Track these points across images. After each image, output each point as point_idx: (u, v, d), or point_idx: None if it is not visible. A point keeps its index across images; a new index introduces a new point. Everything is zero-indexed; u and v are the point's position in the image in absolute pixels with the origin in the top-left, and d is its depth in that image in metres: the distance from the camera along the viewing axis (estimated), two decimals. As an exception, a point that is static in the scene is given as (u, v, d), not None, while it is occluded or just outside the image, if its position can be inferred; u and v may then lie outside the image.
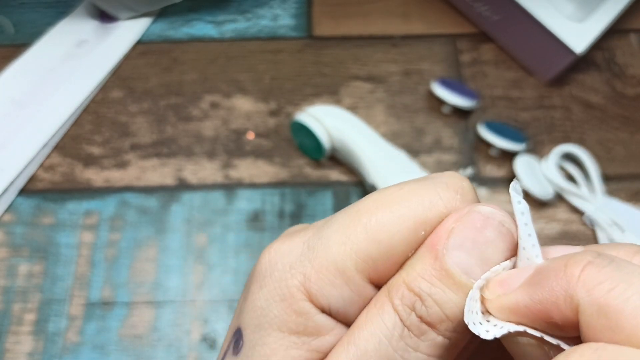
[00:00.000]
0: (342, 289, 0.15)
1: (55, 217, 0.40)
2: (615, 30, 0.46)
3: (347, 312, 0.15)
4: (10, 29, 0.48)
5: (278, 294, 0.15)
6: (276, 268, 0.16)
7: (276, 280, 0.15)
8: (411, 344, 0.14)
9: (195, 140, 0.43)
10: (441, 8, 0.49)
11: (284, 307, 0.15)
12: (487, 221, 0.14)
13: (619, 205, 0.40)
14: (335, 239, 0.15)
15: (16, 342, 0.37)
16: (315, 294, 0.15)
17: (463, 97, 0.42)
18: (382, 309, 0.14)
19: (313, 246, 0.15)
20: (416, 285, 0.14)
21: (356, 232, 0.15)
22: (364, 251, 0.15)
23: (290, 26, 0.48)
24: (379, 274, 0.15)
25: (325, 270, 0.15)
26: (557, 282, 0.12)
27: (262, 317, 0.15)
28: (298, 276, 0.15)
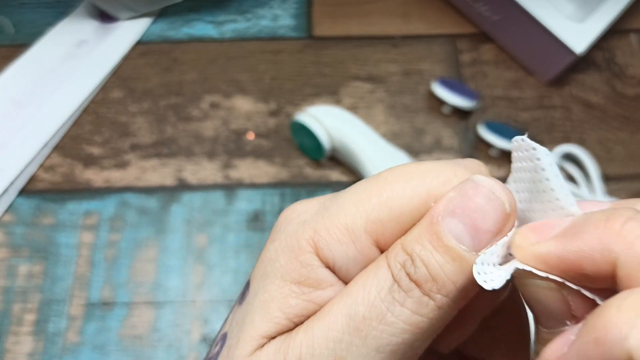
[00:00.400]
0: (348, 247, 0.15)
1: (55, 217, 0.40)
2: (615, 30, 0.46)
3: (349, 270, 0.15)
4: (10, 29, 0.48)
5: (287, 245, 0.16)
6: (290, 223, 0.16)
7: (288, 234, 0.16)
8: (398, 298, 0.14)
9: (195, 140, 0.43)
10: (441, 8, 0.49)
11: (291, 257, 0.16)
12: (478, 189, 0.15)
13: (619, 205, 0.40)
14: (350, 201, 0.16)
15: (16, 342, 0.37)
16: (322, 248, 0.15)
17: (463, 97, 0.42)
18: (377, 265, 0.15)
19: (328, 206, 0.16)
20: (409, 247, 0.15)
21: (370, 196, 0.15)
22: (374, 214, 0.15)
23: (290, 26, 0.48)
24: (385, 238, 0.15)
25: (335, 228, 0.15)
26: (596, 235, 0.12)
27: (268, 267, 0.16)
28: (309, 230, 0.16)
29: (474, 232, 0.14)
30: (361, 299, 0.14)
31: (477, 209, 0.14)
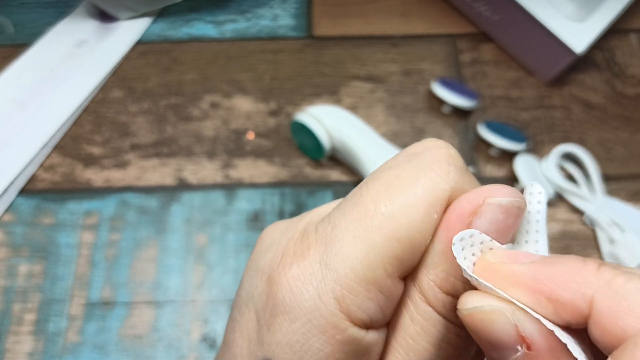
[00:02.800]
0: (378, 298, 0.14)
1: (55, 217, 0.40)
2: (615, 30, 0.46)
3: (386, 316, 0.15)
4: (10, 29, 0.48)
5: (315, 326, 0.14)
6: (303, 298, 0.15)
7: (308, 312, 0.15)
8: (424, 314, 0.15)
9: (195, 140, 0.43)
10: (441, 8, 0.49)
11: (327, 338, 0.14)
12: (509, 211, 0.14)
13: (619, 205, 0.40)
14: (354, 250, 0.14)
15: (16, 342, 0.37)
16: (354, 313, 0.14)
17: (463, 97, 0.42)
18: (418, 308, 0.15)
19: (333, 266, 0.15)
20: (450, 287, 0.15)
21: (373, 237, 0.14)
22: (388, 254, 0.14)
23: (290, 26, 0.48)
24: (407, 269, 0.15)
25: (357, 286, 0.14)
26: (573, 268, 0.12)
27: (302, 353, 0.15)
28: (331, 302, 0.14)
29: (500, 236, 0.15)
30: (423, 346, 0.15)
31: (510, 229, 0.15)
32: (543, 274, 0.13)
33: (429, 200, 0.15)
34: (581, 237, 0.40)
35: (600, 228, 0.40)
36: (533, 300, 0.13)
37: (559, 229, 0.40)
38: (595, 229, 0.40)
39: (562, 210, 0.41)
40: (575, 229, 0.40)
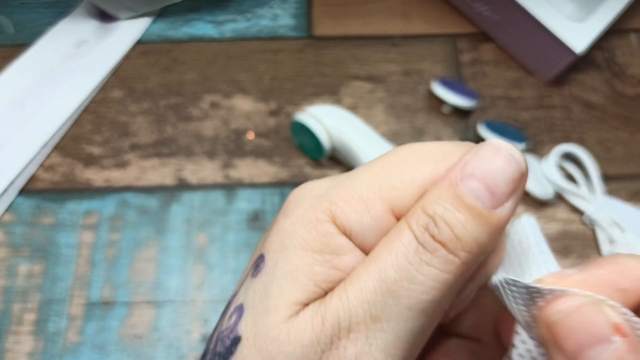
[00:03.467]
0: (363, 215, 0.16)
1: (55, 217, 0.40)
2: (615, 30, 0.46)
3: (365, 237, 0.16)
4: (10, 29, 0.48)
5: (304, 217, 0.17)
6: (304, 199, 0.17)
7: (304, 208, 0.17)
8: (425, 259, 0.15)
9: (195, 140, 0.43)
10: (441, 8, 0.49)
11: (309, 228, 0.16)
12: (497, 152, 0.16)
13: (619, 205, 0.40)
14: (364, 174, 0.17)
15: (16, 342, 0.37)
16: (339, 217, 0.16)
17: (463, 97, 0.42)
18: (399, 230, 0.16)
19: (342, 181, 0.17)
20: (430, 209, 0.15)
21: (383, 167, 0.17)
22: (387, 182, 0.16)
23: (290, 26, 0.48)
24: (399, 204, 0.16)
25: (351, 197, 0.16)
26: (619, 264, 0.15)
27: (285, 239, 0.17)
28: (325, 202, 0.16)
29: (493, 191, 0.15)
30: (390, 263, 0.15)
31: (496, 170, 0.15)
32: (601, 273, 0.14)
33: (442, 157, 0.16)
34: (581, 237, 0.40)
35: (600, 228, 0.40)
36: (605, 293, 0.14)
37: (559, 229, 0.40)
38: (595, 229, 0.40)
39: (562, 210, 0.41)
40: (575, 229, 0.40)
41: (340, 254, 0.16)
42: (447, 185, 0.15)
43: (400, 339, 0.15)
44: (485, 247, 0.16)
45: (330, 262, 0.16)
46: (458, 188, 0.15)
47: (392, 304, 0.15)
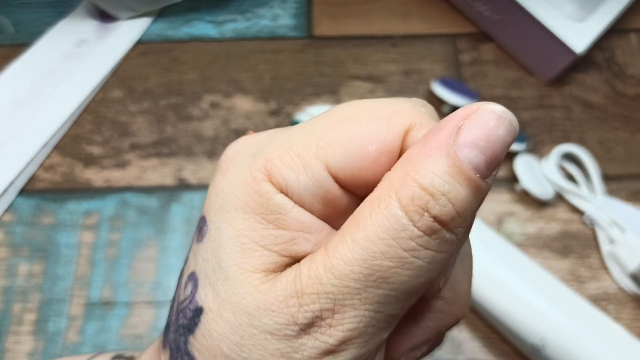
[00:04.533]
0: (299, 173, 0.15)
1: (55, 217, 0.40)
2: (615, 30, 0.46)
3: (301, 196, 0.15)
4: (10, 29, 0.48)
5: (240, 176, 0.16)
6: (241, 155, 0.17)
7: (239, 166, 0.16)
8: (422, 243, 0.14)
9: (195, 140, 0.43)
10: (441, 8, 0.49)
11: (246, 188, 0.16)
12: (501, 120, 0.14)
13: (619, 205, 0.40)
14: (301, 130, 0.16)
15: (16, 342, 0.37)
16: (274, 175, 0.15)
17: (463, 97, 0.42)
18: (388, 209, 0.14)
19: (279, 137, 0.16)
20: (429, 183, 0.14)
21: (320, 124, 0.16)
22: (323, 139, 0.15)
23: (290, 26, 0.48)
24: (335, 164, 0.15)
25: (286, 155, 0.15)
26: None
27: (224, 200, 0.16)
28: (260, 160, 0.16)
29: (491, 161, 0.14)
30: (382, 252, 0.14)
31: (499, 141, 0.14)
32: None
33: (383, 114, 0.15)
34: (581, 237, 0.40)
35: (600, 228, 0.40)
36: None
37: (559, 229, 0.40)
38: (595, 229, 0.40)
39: (562, 210, 0.41)
40: (575, 229, 0.40)
41: (283, 212, 0.15)
42: (444, 153, 0.14)
43: (391, 315, 0.15)
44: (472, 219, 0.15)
45: (275, 222, 0.15)
46: (458, 158, 0.14)
47: (386, 288, 0.14)
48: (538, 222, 0.40)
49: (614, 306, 0.38)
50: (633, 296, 0.38)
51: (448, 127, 0.14)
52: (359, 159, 0.15)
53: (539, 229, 0.40)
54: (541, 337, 0.33)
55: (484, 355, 0.37)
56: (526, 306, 0.34)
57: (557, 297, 0.34)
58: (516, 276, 0.35)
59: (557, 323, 0.33)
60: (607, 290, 0.38)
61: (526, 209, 0.41)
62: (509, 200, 0.41)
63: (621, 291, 0.38)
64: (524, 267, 0.35)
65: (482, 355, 0.37)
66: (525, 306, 0.34)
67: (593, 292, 0.38)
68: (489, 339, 0.37)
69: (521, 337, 0.34)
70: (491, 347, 0.37)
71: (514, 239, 0.40)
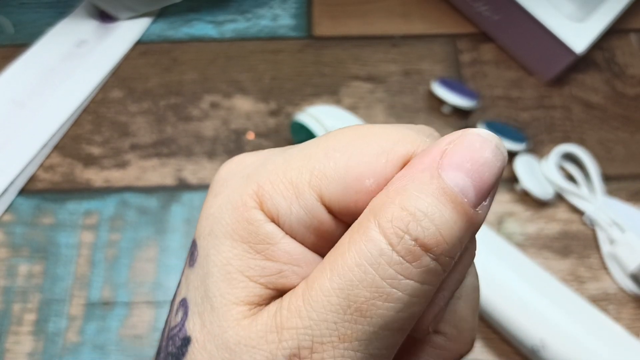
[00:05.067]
0: (292, 202, 0.15)
1: (55, 217, 0.40)
2: (615, 30, 0.46)
3: (292, 226, 0.15)
4: (10, 29, 0.48)
5: (231, 201, 0.15)
6: (233, 177, 0.16)
7: (231, 189, 0.16)
8: (402, 272, 0.13)
9: (195, 140, 0.43)
10: (441, 8, 0.49)
11: (236, 214, 0.15)
12: (486, 143, 0.14)
13: (619, 205, 0.40)
14: (296, 156, 0.15)
15: (16, 342, 0.37)
16: (265, 202, 0.15)
17: (463, 97, 0.42)
18: (366, 233, 0.13)
19: (274, 160, 0.15)
20: (411, 204, 0.13)
21: (317, 151, 0.15)
22: (319, 168, 0.15)
23: (290, 26, 0.48)
24: (330, 195, 0.15)
25: (279, 182, 0.15)
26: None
27: (214, 225, 0.15)
28: (252, 185, 0.15)
29: (479, 187, 0.14)
30: (359, 278, 0.13)
31: (485, 164, 0.14)
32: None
33: (385, 145, 0.15)
34: (581, 237, 0.40)
35: (600, 228, 0.40)
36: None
37: (559, 229, 0.40)
38: (595, 229, 0.40)
39: (562, 210, 0.41)
40: (575, 229, 0.40)
41: (272, 243, 0.15)
42: (428, 177, 0.13)
43: (374, 355, 0.14)
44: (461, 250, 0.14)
45: (263, 253, 0.15)
46: (442, 180, 0.13)
47: (364, 324, 0.13)
48: (538, 222, 0.40)
49: (614, 306, 0.38)
50: (633, 296, 0.38)
51: (433, 151, 0.14)
52: (355, 192, 0.14)
53: (539, 229, 0.40)
54: (541, 338, 0.33)
55: (484, 355, 0.36)
56: (526, 307, 0.34)
57: (557, 297, 0.34)
58: (516, 276, 0.35)
59: (557, 324, 0.33)
60: (607, 290, 0.38)
61: (526, 209, 0.41)
62: (509, 200, 0.41)
63: (621, 291, 0.38)
64: (524, 268, 0.35)
65: (482, 356, 0.36)
66: (525, 307, 0.34)
67: (593, 292, 0.38)
68: (489, 339, 0.37)
69: (521, 337, 0.34)
70: (491, 347, 0.37)
71: (514, 239, 0.40)
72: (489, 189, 0.14)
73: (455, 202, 0.13)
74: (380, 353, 0.14)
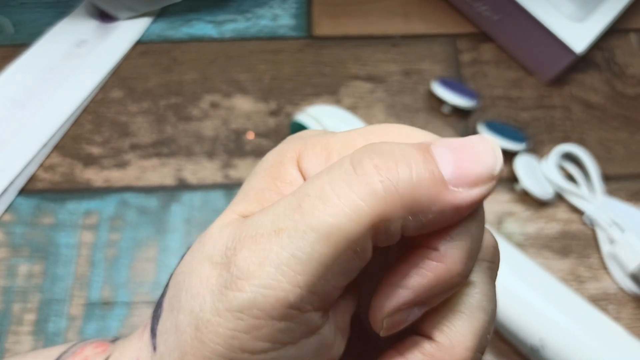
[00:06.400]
0: (320, 162, 0.16)
1: (55, 217, 0.40)
2: (615, 30, 0.46)
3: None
4: (10, 29, 0.48)
5: (280, 149, 0.18)
6: (293, 137, 0.18)
7: (287, 142, 0.18)
8: (345, 179, 0.14)
9: (195, 140, 0.43)
10: (441, 8, 0.49)
11: (277, 158, 0.17)
12: (482, 141, 0.15)
13: (619, 205, 0.40)
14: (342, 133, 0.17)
15: (16, 342, 0.37)
16: (302, 157, 0.17)
17: (463, 97, 0.42)
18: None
19: (325, 133, 0.17)
20: (386, 144, 0.15)
21: (357, 134, 0.17)
22: (351, 144, 0.16)
23: (290, 26, 0.48)
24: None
25: (318, 144, 0.17)
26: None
27: (262, 163, 0.18)
28: (300, 142, 0.17)
29: (459, 168, 0.14)
30: (311, 181, 0.14)
31: (473, 153, 0.15)
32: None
33: (414, 138, 0.16)
34: (581, 237, 0.40)
35: (600, 228, 0.40)
36: None
37: (559, 229, 0.40)
38: (595, 229, 0.40)
39: (562, 210, 0.41)
40: (575, 229, 0.40)
41: (289, 183, 0.16)
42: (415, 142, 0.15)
43: (297, 259, 0.14)
44: (420, 208, 0.14)
45: (279, 188, 0.16)
46: (429, 146, 0.15)
47: (297, 219, 0.14)
48: (538, 222, 0.40)
49: (614, 306, 0.38)
50: (633, 296, 0.38)
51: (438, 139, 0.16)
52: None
53: (538, 229, 0.40)
54: (540, 338, 0.33)
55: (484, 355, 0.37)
56: (526, 306, 0.34)
57: (557, 297, 0.34)
58: (516, 276, 0.35)
59: (557, 323, 0.33)
60: (607, 290, 0.38)
61: (526, 209, 0.41)
62: (509, 200, 0.41)
63: (621, 291, 0.38)
64: (524, 267, 0.35)
65: (482, 355, 0.37)
66: (524, 306, 0.34)
67: (593, 292, 0.38)
68: (489, 339, 0.37)
69: (521, 337, 0.34)
70: (491, 347, 0.37)
71: (514, 239, 0.40)
72: (472, 174, 0.14)
73: (428, 160, 0.14)
74: (303, 259, 0.14)
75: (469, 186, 0.14)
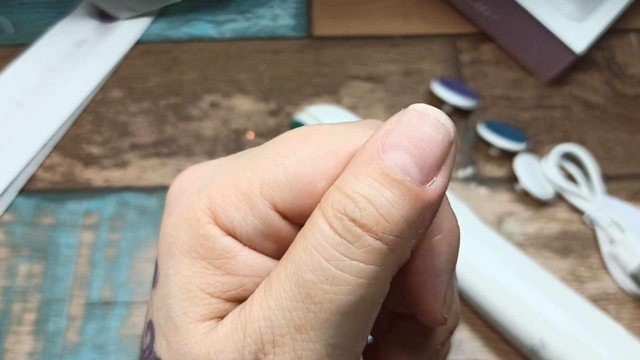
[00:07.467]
0: (245, 213, 0.14)
1: (55, 217, 0.40)
2: (615, 30, 0.46)
3: (250, 237, 0.15)
4: (10, 29, 0.48)
5: (185, 218, 0.15)
6: (185, 193, 0.16)
7: (184, 206, 0.15)
8: (345, 252, 0.13)
9: (195, 140, 0.43)
10: (441, 8, 0.49)
11: (191, 231, 0.15)
12: (423, 117, 0.14)
13: (619, 205, 0.40)
14: (245, 165, 0.15)
15: (16, 342, 0.37)
16: (219, 216, 0.15)
17: (463, 97, 0.42)
18: (311, 220, 0.14)
19: (224, 172, 0.15)
20: (348, 188, 0.13)
21: (265, 159, 0.15)
22: (269, 176, 0.14)
23: (290, 26, 0.48)
24: (283, 202, 0.14)
25: (231, 194, 0.15)
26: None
27: (171, 244, 0.15)
28: (204, 199, 0.15)
29: (422, 163, 0.13)
30: (305, 262, 0.13)
31: (424, 139, 0.13)
32: None
33: (332, 145, 0.14)
34: (581, 237, 0.40)
35: (600, 228, 0.40)
36: None
37: (559, 229, 0.40)
38: (595, 229, 0.40)
39: (562, 210, 0.41)
40: (575, 229, 0.40)
41: (230, 256, 0.15)
42: (367, 159, 0.13)
43: (333, 345, 0.13)
44: (417, 229, 0.14)
45: (222, 268, 0.15)
46: (381, 161, 0.13)
47: (316, 310, 0.13)
48: (538, 222, 0.40)
49: (614, 306, 0.38)
50: (633, 296, 0.38)
51: (376, 136, 0.14)
52: (308, 197, 0.14)
53: (538, 229, 0.40)
54: (541, 337, 0.33)
55: (484, 355, 0.37)
56: (526, 306, 0.34)
57: (557, 297, 0.34)
58: (516, 276, 0.35)
59: (557, 323, 0.33)
60: (607, 290, 0.38)
61: (526, 209, 0.41)
62: (508, 200, 0.41)
63: (621, 291, 0.38)
64: (524, 267, 0.35)
65: (482, 355, 0.37)
66: (525, 306, 0.34)
67: (593, 292, 0.38)
68: (489, 339, 0.37)
69: (521, 337, 0.34)
70: (491, 347, 0.37)
71: (514, 239, 0.40)
72: (434, 163, 0.13)
73: (395, 181, 0.13)
74: (340, 342, 0.13)
75: (439, 170, 0.14)
